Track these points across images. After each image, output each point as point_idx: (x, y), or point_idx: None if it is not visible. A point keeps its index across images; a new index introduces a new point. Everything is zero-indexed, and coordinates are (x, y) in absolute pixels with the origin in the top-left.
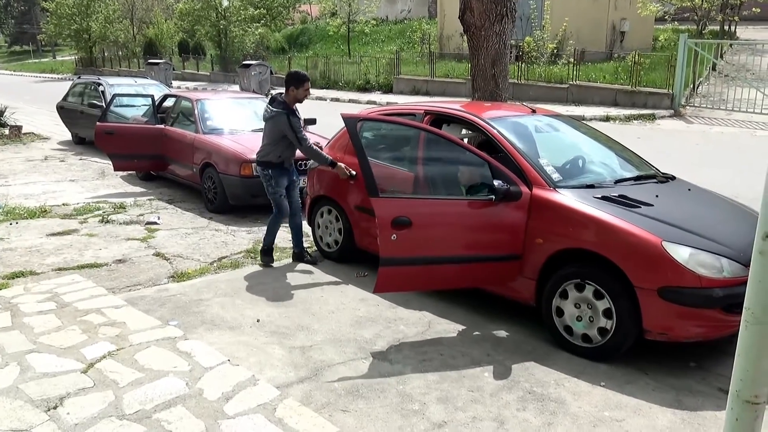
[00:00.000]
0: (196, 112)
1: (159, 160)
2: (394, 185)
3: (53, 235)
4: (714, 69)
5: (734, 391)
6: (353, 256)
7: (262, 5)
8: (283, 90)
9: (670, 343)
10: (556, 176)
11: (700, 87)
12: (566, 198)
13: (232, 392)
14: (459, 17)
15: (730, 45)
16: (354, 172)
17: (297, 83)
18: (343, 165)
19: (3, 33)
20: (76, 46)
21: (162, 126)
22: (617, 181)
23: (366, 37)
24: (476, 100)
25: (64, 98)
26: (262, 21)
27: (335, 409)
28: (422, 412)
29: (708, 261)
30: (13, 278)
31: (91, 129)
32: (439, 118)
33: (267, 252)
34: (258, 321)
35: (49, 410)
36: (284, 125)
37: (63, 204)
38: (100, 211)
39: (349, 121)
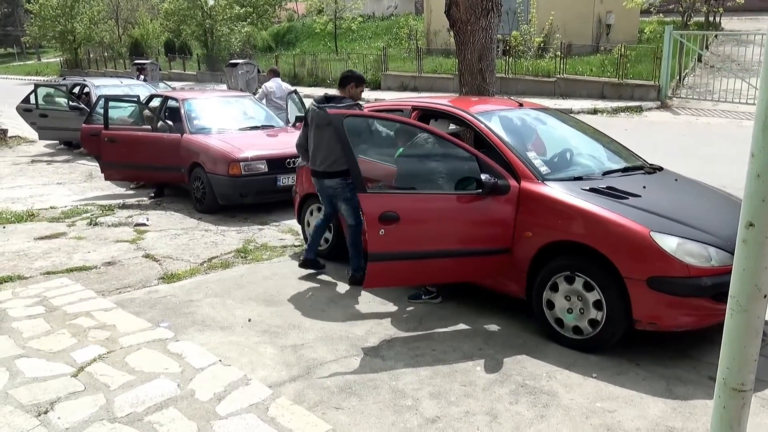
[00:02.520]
0: (182, 111)
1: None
2: (382, 181)
3: (41, 238)
4: (700, 60)
5: (721, 379)
6: (344, 254)
7: (248, 3)
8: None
9: (659, 333)
10: (544, 169)
11: (686, 78)
12: (555, 191)
13: (224, 392)
14: (445, 12)
15: (715, 36)
16: None
17: (358, 81)
18: None
19: None
20: (61, 47)
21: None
22: (605, 173)
23: (353, 34)
24: (464, 95)
25: (25, 100)
26: (249, 19)
27: (328, 406)
28: (415, 408)
29: (696, 250)
30: (1, 283)
31: (51, 130)
32: (427, 114)
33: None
34: (249, 321)
35: (39, 415)
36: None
37: (50, 207)
38: (88, 214)
39: (336, 117)
